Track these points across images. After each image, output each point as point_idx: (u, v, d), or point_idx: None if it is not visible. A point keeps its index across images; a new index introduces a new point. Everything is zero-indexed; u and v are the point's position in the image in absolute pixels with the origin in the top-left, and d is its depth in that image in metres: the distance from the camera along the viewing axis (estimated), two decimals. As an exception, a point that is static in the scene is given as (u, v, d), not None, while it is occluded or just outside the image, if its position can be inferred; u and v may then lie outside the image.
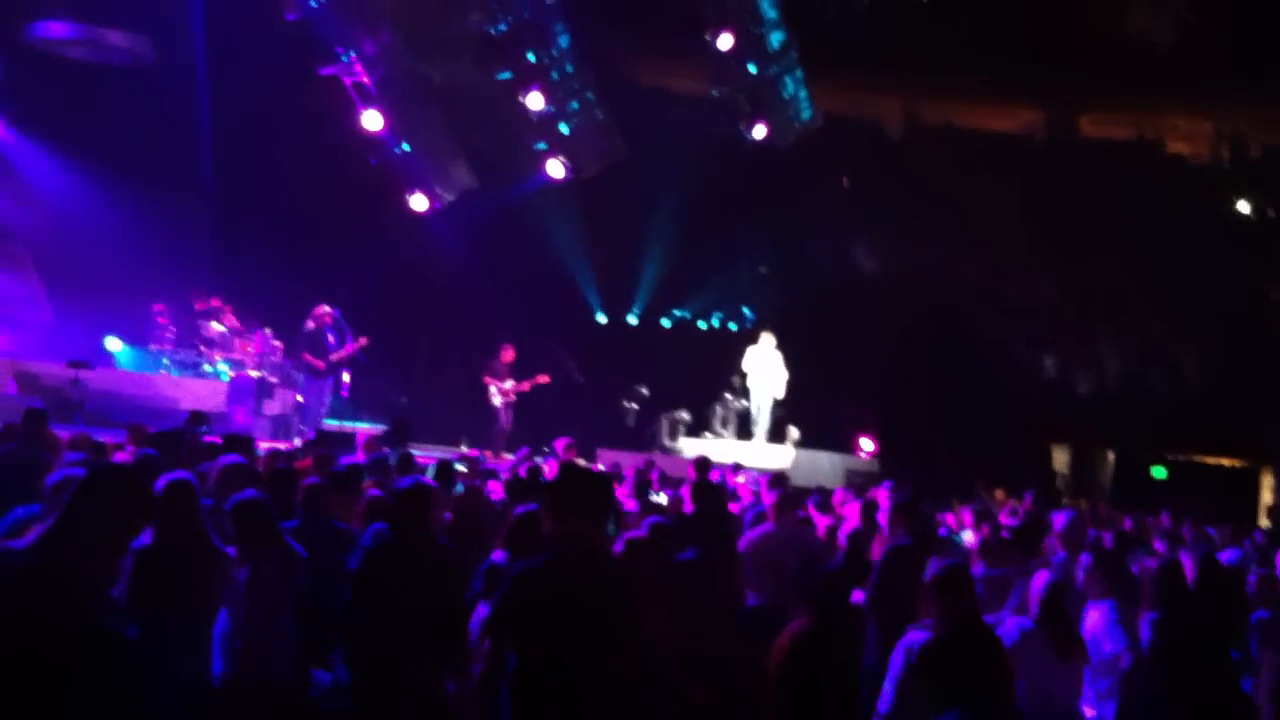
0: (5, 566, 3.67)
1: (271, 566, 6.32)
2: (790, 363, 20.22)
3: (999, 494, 15.88)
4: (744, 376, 20.15)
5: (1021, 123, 26.88)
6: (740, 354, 20.20)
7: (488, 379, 18.66)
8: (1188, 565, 7.49)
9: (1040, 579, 6.44)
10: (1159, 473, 23.50)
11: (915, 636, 5.44)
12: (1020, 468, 19.27)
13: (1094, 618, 6.75)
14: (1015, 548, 8.06)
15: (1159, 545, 10.75)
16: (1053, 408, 23.47)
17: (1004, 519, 11.22)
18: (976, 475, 17.69)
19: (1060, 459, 23.86)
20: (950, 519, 11.00)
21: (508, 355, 18.82)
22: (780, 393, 19.96)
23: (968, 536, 9.48)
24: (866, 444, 21.39)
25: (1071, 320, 23.53)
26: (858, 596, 6.91)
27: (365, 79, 20.06)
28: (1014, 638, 6.00)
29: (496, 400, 18.65)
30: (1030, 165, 24.80)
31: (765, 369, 19.89)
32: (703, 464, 11.86)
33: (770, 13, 21.50)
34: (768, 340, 19.93)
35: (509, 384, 18.66)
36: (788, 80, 22.49)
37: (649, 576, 6.00)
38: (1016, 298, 23.22)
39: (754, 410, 20.09)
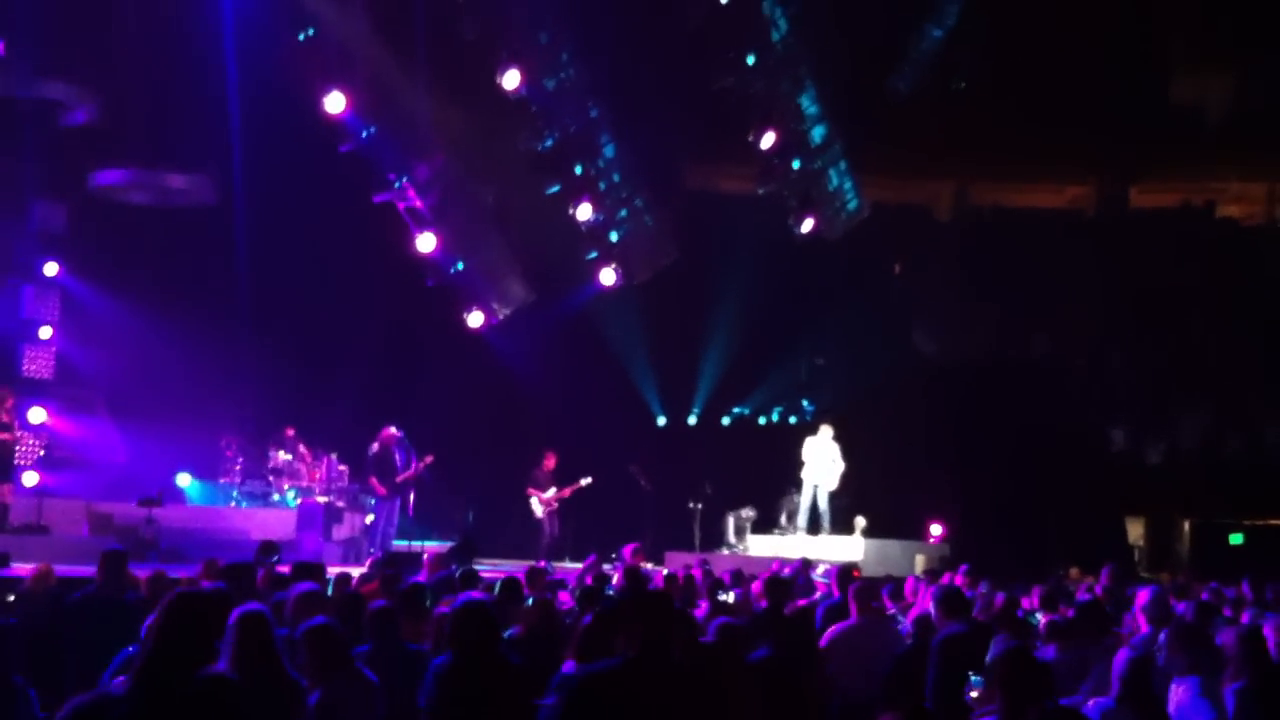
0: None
1: (344, 693, 6.30)
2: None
3: (1075, 572, 15.62)
4: (801, 466, 19.97)
5: (1071, 197, 26.94)
6: (798, 447, 20.12)
7: (530, 490, 18.72)
8: (1270, 632, 7.33)
9: (1122, 657, 6.33)
10: (1236, 539, 23.02)
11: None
12: (1095, 543, 18.94)
13: (1179, 694, 6.60)
14: (1084, 626, 7.91)
15: (1244, 615, 10.50)
16: (1125, 479, 23.12)
17: (1081, 596, 11.05)
18: (1051, 553, 17.42)
19: (1135, 531, 23.44)
20: (1026, 601, 10.85)
21: (550, 463, 18.90)
22: (834, 485, 19.74)
23: (1040, 618, 9.33)
24: (935, 529, 21.15)
25: (1138, 389, 23.26)
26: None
27: (418, 203, 20.48)
28: (1095, 719, 5.88)
29: (539, 510, 18.71)
30: (1084, 238, 24.78)
31: (822, 461, 19.73)
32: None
33: (811, 108, 21.78)
34: (826, 432, 19.82)
35: (550, 492, 18.71)
36: (832, 173, 22.72)
37: (724, 676, 5.98)
38: (1080, 370, 23.04)
39: (804, 502, 19.86)
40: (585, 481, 18.76)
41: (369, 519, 18.25)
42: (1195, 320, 22.64)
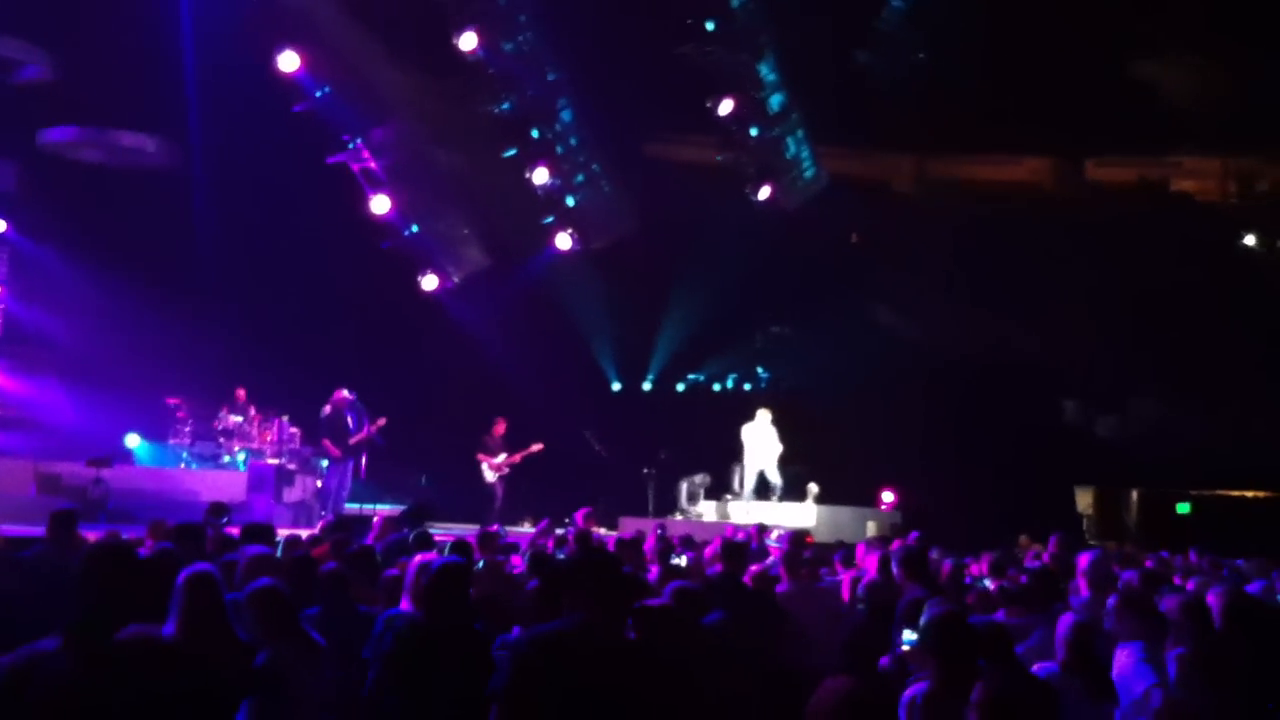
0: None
1: (292, 655, 6.26)
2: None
3: (1024, 540, 15.75)
4: (742, 447, 20.05)
5: (1030, 170, 27.05)
6: (753, 412, 20.20)
7: (480, 455, 18.70)
8: (1216, 600, 7.41)
9: (1065, 622, 6.37)
10: (1183, 508, 23.31)
11: (916, 689, 5.38)
12: (1045, 512, 19.11)
13: (1122, 659, 6.66)
14: (1036, 593, 7.97)
15: (1189, 583, 10.63)
16: (1075, 451, 23.34)
17: (1029, 564, 11.14)
18: (1001, 522, 17.56)
19: (1084, 501, 23.68)
20: (975, 568, 10.93)
21: (500, 429, 18.86)
22: (773, 463, 19.95)
23: (988, 584, 9.40)
24: (887, 496, 21.31)
25: (1092, 362, 23.46)
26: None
27: (373, 164, 20.34)
28: (1039, 683, 5.92)
29: (490, 476, 18.69)
30: (1040, 212, 24.90)
31: (763, 446, 19.90)
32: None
33: (770, 76, 21.72)
34: (764, 416, 19.95)
35: (501, 458, 18.69)
36: (790, 141, 22.72)
37: (676, 641, 5.98)
38: (1033, 343, 23.18)
39: (750, 485, 20.01)
40: (536, 448, 18.74)
41: (319, 482, 18.17)
42: (1151, 295, 22.81)
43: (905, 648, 6.37)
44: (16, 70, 19.95)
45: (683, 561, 10.16)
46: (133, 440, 19.74)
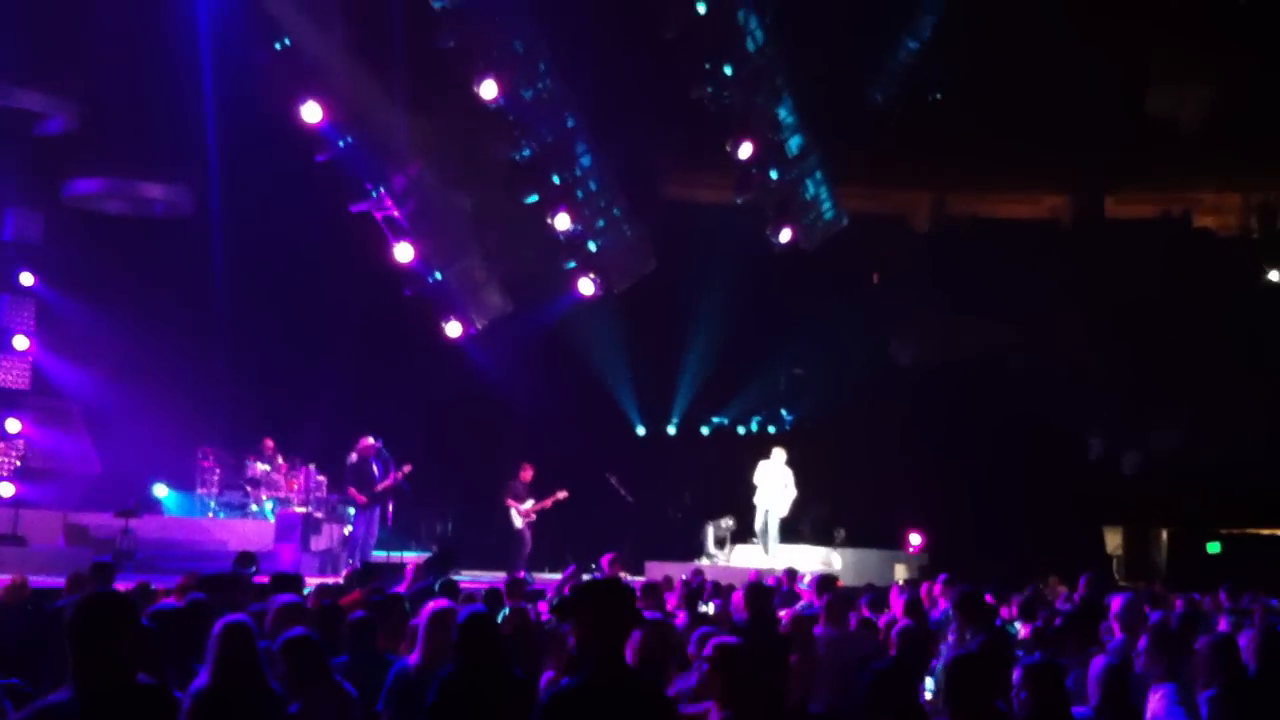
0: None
1: (323, 704, 6.27)
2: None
3: (1053, 581, 15.65)
4: (754, 489, 19.73)
5: (1048, 208, 27.09)
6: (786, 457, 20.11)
7: (509, 501, 18.69)
8: (1248, 640, 7.35)
9: (1098, 665, 6.34)
10: (1213, 548, 23.11)
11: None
12: (1074, 552, 19.01)
13: (1155, 701, 6.63)
14: (1070, 636, 7.93)
15: (1222, 622, 10.55)
16: (1103, 488, 23.22)
17: (1060, 606, 11.08)
18: (1030, 563, 17.47)
19: (1113, 541, 23.54)
20: (1005, 610, 10.88)
21: (526, 475, 18.85)
22: (784, 511, 19.63)
23: (1019, 627, 9.36)
24: (915, 539, 21.20)
25: (1115, 399, 23.38)
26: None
27: (395, 212, 20.43)
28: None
29: (518, 522, 18.68)
30: (1061, 248, 24.91)
31: (774, 485, 19.63)
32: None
33: (788, 118, 21.81)
34: (778, 456, 19.74)
35: (528, 504, 18.68)
36: (809, 183, 22.76)
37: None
38: (1058, 380, 23.12)
39: (758, 524, 19.72)
40: (562, 495, 18.71)
41: (347, 530, 18.19)
42: (1172, 330, 22.76)
43: (927, 694, 6.34)
44: (41, 123, 20.17)
45: (710, 609, 10.14)
46: (160, 490, 19.84)
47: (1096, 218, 26.33)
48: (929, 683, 6.33)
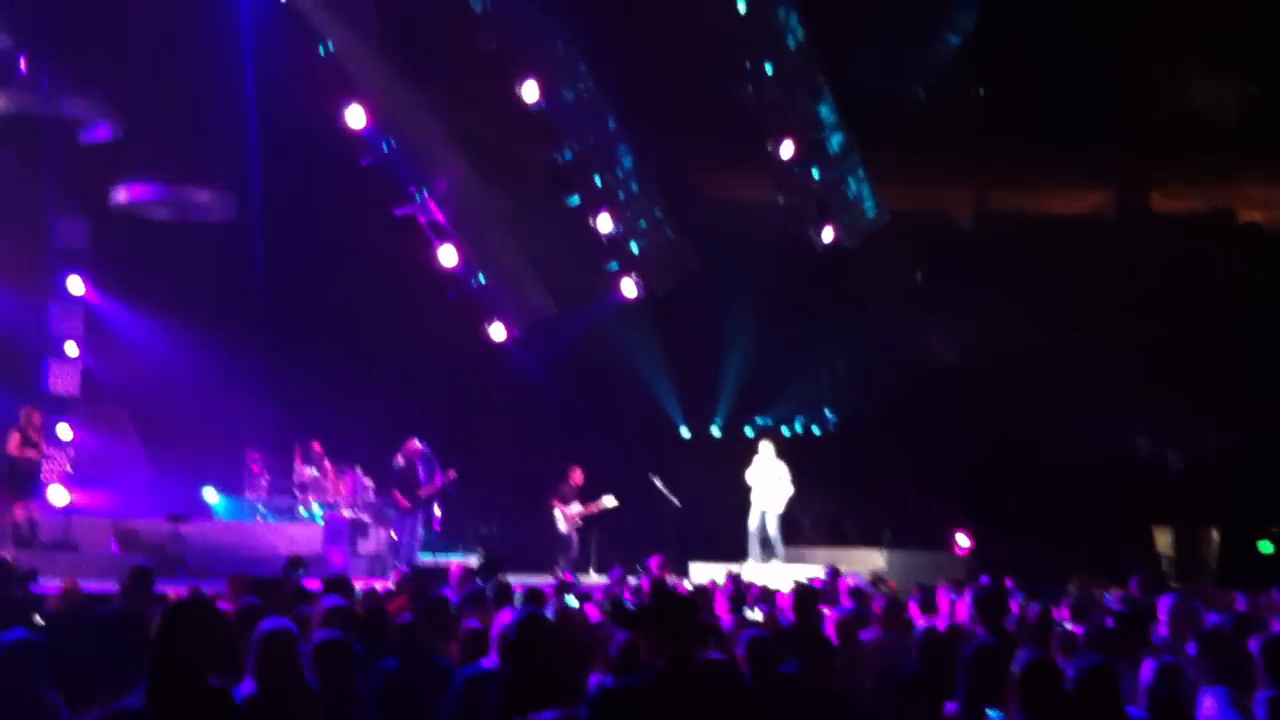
0: None
1: (354, 708, 6.25)
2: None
3: (1102, 583, 15.50)
4: (748, 490, 18.92)
5: (1093, 203, 26.88)
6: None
7: (555, 502, 18.70)
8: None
9: (1148, 668, 6.29)
10: (1266, 547, 22.78)
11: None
12: (1122, 553, 18.83)
13: (1208, 705, 6.57)
14: (1122, 638, 7.86)
15: (1276, 623, 10.42)
16: (1151, 488, 22.98)
17: (1112, 607, 10.99)
18: (1078, 564, 17.31)
19: (1163, 541, 23.30)
20: (1055, 613, 10.80)
21: (576, 478, 18.85)
22: (780, 508, 18.73)
23: (1069, 627, 9.28)
24: (962, 540, 21.07)
25: (1163, 397, 23.12)
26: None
27: (439, 216, 20.55)
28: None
29: (563, 525, 18.70)
30: (1106, 244, 24.70)
31: (768, 481, 18.76)
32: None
33: (829, 116, 21.75)
34: (767, 449, 18.95)
35: (575, 507, 18.68)
36: (851, 181, 22.69)
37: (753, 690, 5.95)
38: (1102, 378, 22.92)
39: (753, 525, 18.78)
40: (610, 503, 18.68)
41: (393, 534, 18.30)
42: (1219, 325, 22.51)
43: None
44: (87, 130, 20.37)
45: (758, 615, 10.12)
46: (210, 495, 20.04)
47: (1142, 213, 26.10)
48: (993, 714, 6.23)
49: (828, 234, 22.43)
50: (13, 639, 6.22)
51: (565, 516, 18.62)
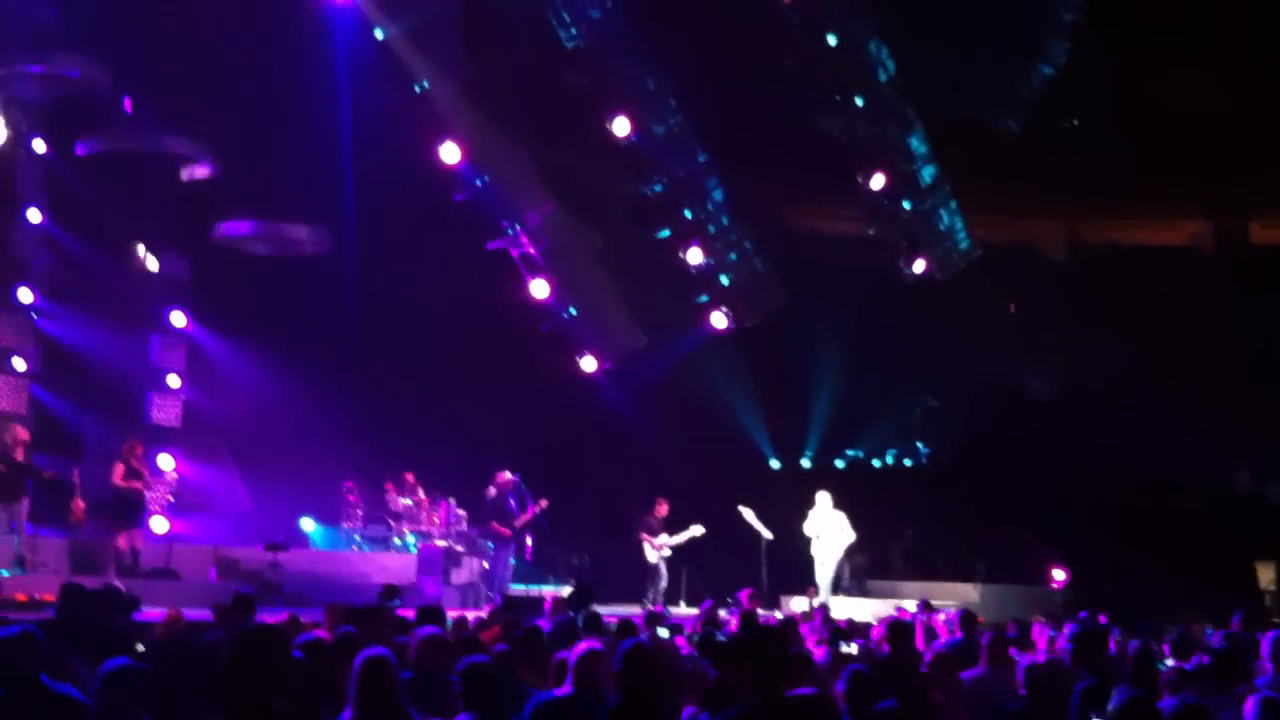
0: None
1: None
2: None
3: (1201, 620, 15.19)
4: (808, 542, 18.83)
5: (1189, 234, 26.45)
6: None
7: (643, 535, 18.73)
8: None
9: (1252, 702, 6.19)
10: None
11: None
12: (1223, 589, 18.43)
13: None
14: (1219, 674, 7.71)
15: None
16: (1252, 522, 22.47)
17: (1213, 644, 10.80)
18: (1178, 600, 16.98)
19: (1266, 576, 22.73)
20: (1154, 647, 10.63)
21: (662, 510, 18.87)
22: (841, 555, 18.72)
23: (1171, 663, 9.13)
24: (1058, 574, 20.75)
25: (1260, 430, 22.62)
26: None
27: (530, 249, 20.77)
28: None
29: (652, 556, 18.73)
30: (1202, 276, 24.31)
31: (830, 532, 18.70)
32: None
33: (920, 148, 21.69)
34: (825, 500, 18.84)
35: (663, 538, 18.71)
36: (943, 213, 22.58)
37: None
38: (1199, 412, 22.49)
39: (818, 574, 18.65)
40: (697, 531, 18.69)
41: (485, 564, 18.45)
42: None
43: None
44: (189, 167, 20.89)
45: (853, 649, 10.07)
46: (307, 524, 20.36)
47: (1240, 244, 25.64)
48: None
49: (919, 266, 22.33)
50: (115, 666, 6.38)
51: (653, 547, 18.66)
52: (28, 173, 19.62)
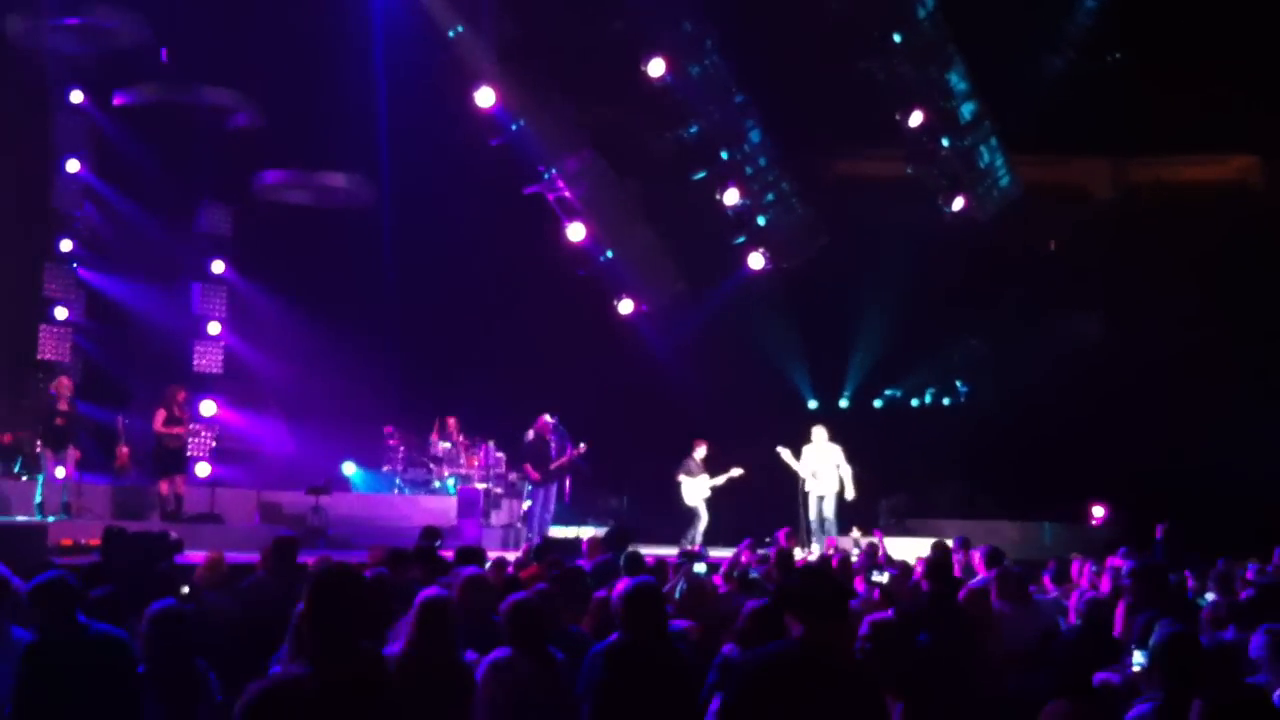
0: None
1: (536, 670, 6.32)
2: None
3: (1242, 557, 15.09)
4: (802, 481, 17.95)
5: (1236, 169, 26.02)
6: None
7: (680, 476, 18.75)
8: None
9: (1258, 638, 6.15)
10: None
11: (1141, 709, 5.24)
12: (1265, 526, 18.28)
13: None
14: (1264, 608, 7.66)
15: None
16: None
17: (1254, 576, 10.76)
18: (1219, 538, 16.85)
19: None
20: (1191, 583, 10.59)
21: (701, 451, 18.87)
22: (851, 493, 17.72)
23: (1209, 599, 9.09)
24: (1098, 510, 20.67)
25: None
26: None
27: (567, 193, 20.75)
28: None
29: (690, 499, 18.74)
30: (1250, 211, 23.94)
31: (826, 468, 17.83)
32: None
33: (960, 85, 21.43)
34: (820, 435, 18.01)
35: (702, 479, 18.69)
36: (983, 150, 22.35)
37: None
38: (1245, 351, 22.22)
39: (812, 515, 17.81)
40: (736, 472, 18.65)
41: (525, 505, 18.57)
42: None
43: (1136, 669, 6.21)
44: (229, 117, 20.96)
45: (885, 578, 10.10)
46: (349, 468, 20.58)
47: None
48: (1138, 656, 6.14)
49: (958, 203, 22.13)
50: (160, 608, 6.48)
51: (691, 489, 18.68)
52: (67, 126, 19.78)
